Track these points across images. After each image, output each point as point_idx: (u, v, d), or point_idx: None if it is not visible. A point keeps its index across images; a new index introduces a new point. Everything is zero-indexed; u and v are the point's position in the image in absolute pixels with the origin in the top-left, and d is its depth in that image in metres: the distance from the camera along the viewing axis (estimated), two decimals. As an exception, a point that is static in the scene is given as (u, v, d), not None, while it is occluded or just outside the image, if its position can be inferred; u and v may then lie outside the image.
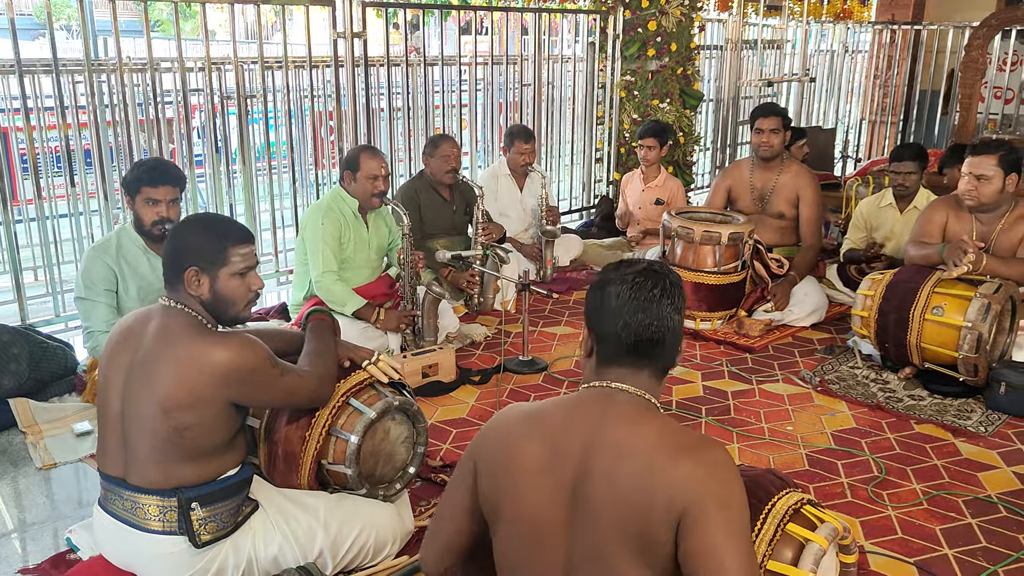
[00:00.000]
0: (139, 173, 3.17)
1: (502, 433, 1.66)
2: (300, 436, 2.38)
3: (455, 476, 1.75)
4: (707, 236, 4.39)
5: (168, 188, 3.19)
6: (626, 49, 6.70)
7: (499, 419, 1.72)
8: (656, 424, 1.56)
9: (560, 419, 1.62)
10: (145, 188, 3.16)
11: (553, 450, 1.58)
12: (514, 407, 1.74)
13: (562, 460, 1.57)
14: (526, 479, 1.59)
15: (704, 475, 1.47)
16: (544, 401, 1.72)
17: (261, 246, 5.31)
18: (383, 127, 5.65)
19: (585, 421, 1.59)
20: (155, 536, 2.13)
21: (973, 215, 3.82)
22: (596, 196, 7.17)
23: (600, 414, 1.59)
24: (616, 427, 1.55)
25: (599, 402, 1.62)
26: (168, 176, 3.21)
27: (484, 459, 1.67)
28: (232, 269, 2.17)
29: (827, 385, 3.81)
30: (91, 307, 3.22)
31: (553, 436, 1.59)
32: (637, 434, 1.53)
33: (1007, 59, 8.05)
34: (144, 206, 3.19)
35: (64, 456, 3.12)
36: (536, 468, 1.58)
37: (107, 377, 2.18)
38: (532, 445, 1.60)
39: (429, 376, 3.75)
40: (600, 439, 1.55)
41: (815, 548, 1.81)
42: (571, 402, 1.66)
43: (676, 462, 1.48)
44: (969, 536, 2.69)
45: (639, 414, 1.58)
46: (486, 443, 1.69)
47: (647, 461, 1.49)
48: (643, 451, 1.51)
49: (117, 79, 4.38)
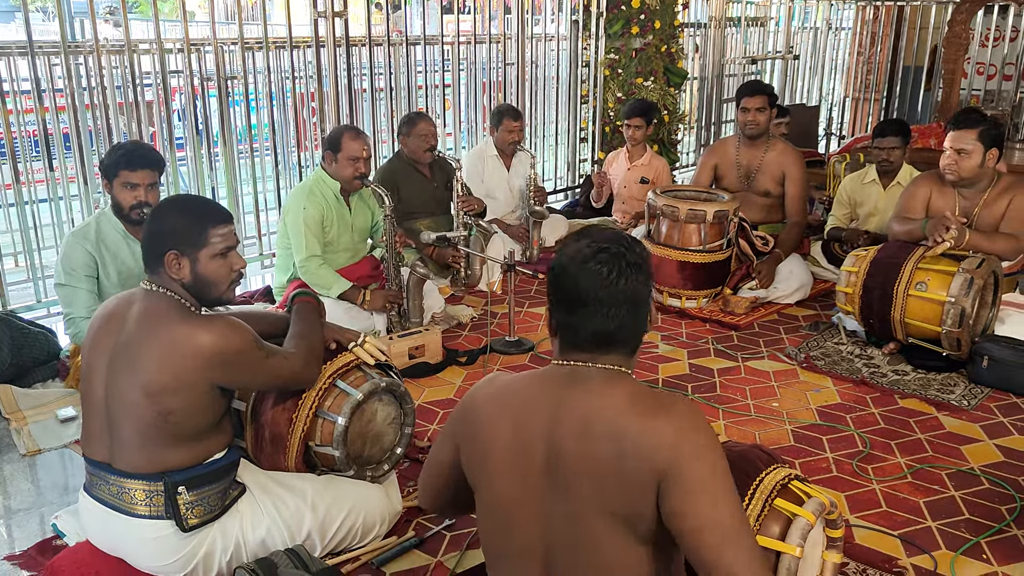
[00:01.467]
0: (116, 157, 3.13)
1: (477, 414, 1.64)
2: (287, 418, 2.37)
3: (442, 436, 1.77)
4: (692, 214, 4.39)
5: (147, 172, 3.14)
6: (610, 27, 6.66)
7: (474, 396, 1.69)
8: (620, 390, 1.53)
9: (525, 399, 1.59)
10: (123, 172, 3.12)
11: (519, 433, 1.57)
12: (488, 382, 1.70)
13: (529, 443, 1.55)
14: (498, 466, 1.59)
15: (676, 432, 1.45)
16: (514, 376, 1.68)
17: (244, 229, 5.27)
18: (366, 108, 5.60)
19: (550, 399, 1.56)
20: (142, 521, 2.12)
21: (956, 190, 3.83)
22: (581, 176, 7.16)
23: (564, 389, 1.55)
24: (579, 400, 1.52)
25: (564, 379, 1.57)
26: (146, 160, 3.15)
27: (462, 438, 1.68)
28: (212, 250, 2.15)
29: (812, 361, 3.83)
30: (71, 293, 3.18)
31: (518, 418, 1.58)
32: (602, 401, 1.51)
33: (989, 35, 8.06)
34: (122, 190, 3.14)
35: (48, 442, 3.09)
36: (506, 454, 1.58)
37: (90, 362, 2.16)
38: (502, 430, 1.59)
39: (416, 357, 3.74)
40: (565, 414, 1.52)
41: (802, 523, 1.82)
42: (537, 379, 1.62)
43: (647, 424, 1.46)
44: (952, 508, 2.72)
45: (599, 383, 1.54)
46: (463, 422, 1.68)
47: (616, 426, 1.47)
48: (610, 418, 1.48)
49: (95, 61, 4.32)
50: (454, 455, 1.71)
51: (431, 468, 1.81)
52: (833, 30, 9.43)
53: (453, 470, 1.73)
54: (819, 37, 9.28)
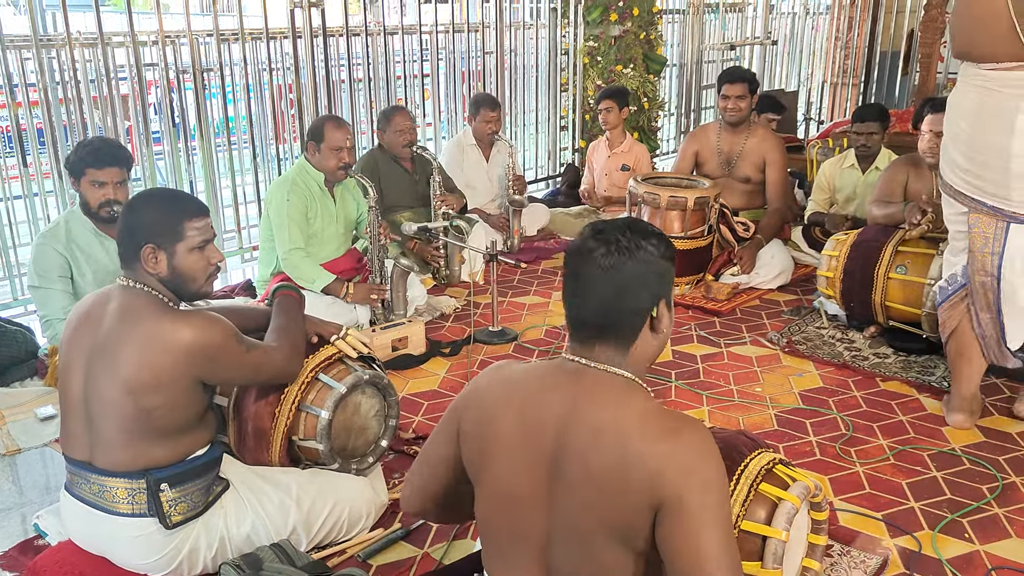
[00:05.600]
0: (83, 154, 3.07)
1: (482, 402, 1.63)
2: (270, 412, 2.35)
3: (439, 428, 1.74)
4: (673, 201, 4.40)
5: (114, 170, 3.09)
6: (588, 14, 6.65)
7: (481, 384, 1.68)
8: (632, 406, 1.51)
9: (534, 392, 1.58)
10: (89, 170, 3.06)
11: (527, 424, 1.55)
12: (496, 370, 1.69)
13: (537, 435, 1.54)
14: (503, 452, 1.57)
15: (681, 460, 1.43)
16: (523, 367, 1.67)
17: (223, 223, 5.22)
18: (344, 99, 5.56)
19: (559, 398, 1.54)
20: (124, 519, 2.10)
21: (933, 173, 3.85)
22: (562, 164, 7.15)
23: (574, 392, 1.54)
24: (592, 409, 1.51)
25: (571, 380, 1.56)
26: (113, 157, 3.10)
27: (465, 426, 1.65)
28: (189, 243, 2.12)
29: (794, 346, 3.85)
30: (46, 295, 3.14)
31: (526, 409, 1.56)
32: (611, 418, 1.49)
33: (965, 18, 8.09)
34: (90, 188, 3.09)
35: (28, 441, 3.06)
36: (512, 442, 1.56)
37: (68, 360, 2.13)
38: (508, 417, 1.57)
39: (399, 349, 3.73)
40: (576, 419, 1.51)
41: (788, 507, 1.83)
42: (546, 373, 1.61)
43: (654, 448, 1.44)
44: (934, 489, 2.74)
45: (613, 395, 1.53)
46: (468, 409, 1.66)
47: (623, 447, 1.45)
48: (616, 435, 1.46)
49: (67, 55, 4.25)
50: (453, 446, 1.68)
51: (424, 464, 1.77)
52: (811, 15, 9.45)
53: (450, 464, 1.70)
54: (797, 22, 9.29)
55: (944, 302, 3.12)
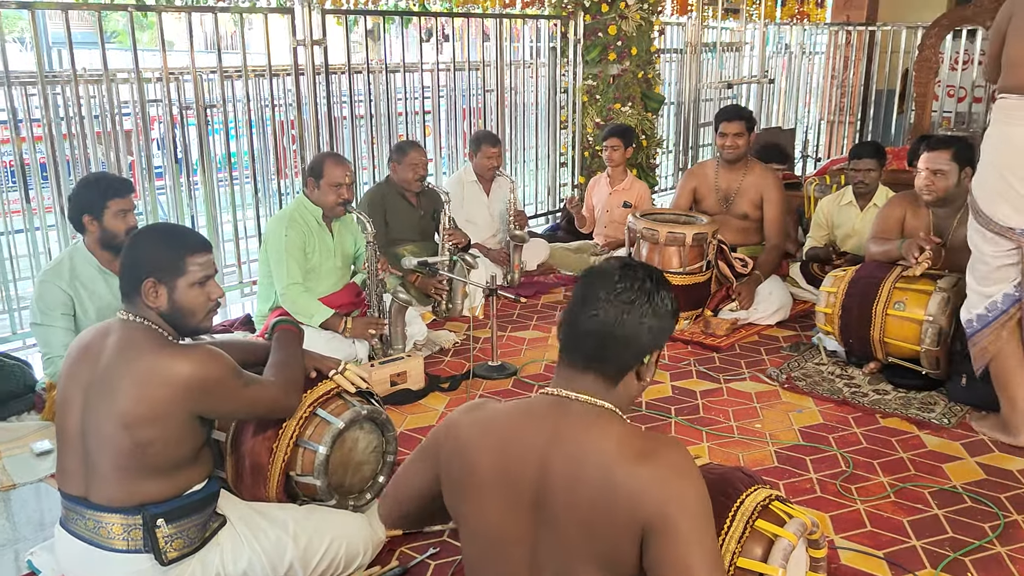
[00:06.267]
0: (102, 189, 3.15)
1: (459, 444, 1.63)
2: (267, 448, 2.35)
3: (414, 461, 1.75)
4: (672, 237, 4.42)
5: (131, 197, 3.22)
6: (587, 54, 6.73)
7: (455, 424, 1.67)
8: (611, 431, 1.52)
9: (511, 428, 1.58)
10: (114, 201, 3.15)
11: (506, 462, 1.55)
12: (470, 409, 1.69)
13: (517, 473, 1.54)
14: (483, 492, 1.57)
15: (663, 481, 1.44)
16: (499, 406, 1.67)
17: (224, 257, 5.24)
18: (346, 135, 5.61)
19: (538, 433, 1.55)
20: (120, 555, 2.08)
21: (930, 210, 3.88)
22: (561, 200, 7.18)
23: (553, 425, 1.54)
24: (569, 441, 1.52)
25: (552, 411, 1.57)
26: (128, 184, 3.25)
27: (444, 468, 1.65)
28: (190, 279, 2.13)
29: (793, 382, 3.85)
30: (48, 332, 3.16)
31: (504, 447, 1.56)
32: (592, 445, 1.50)
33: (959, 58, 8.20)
34: (115, 219, 3.16)
35: (24, 476, 3.04)
36: (490, 483, 1.56)
37: (65, 394, 2.13)
38: (485, 458, 1.57)
39: (397, 384, 3.72)
40: (554, 454, 1.51)
41: (784, 544, 1.81)
42: (522, 409, 1.62)
43: (634, 470, 1.45)
44: (936, 527, 2.72)
45: (592, 425, 1.54)
46: (445, 451, 1.65)
47: (605, 472, 1.46)
48: (600, 463, 1.47)
49: (72, 91, 4.30)
50: (427, 481, 1.69)
51: (401, 488, 1.79)
52: (807, 54, 9.57)
53: (424, 495, 1.72)
54: (793, 61, 9.41)
55: (983, 329, 3.19)
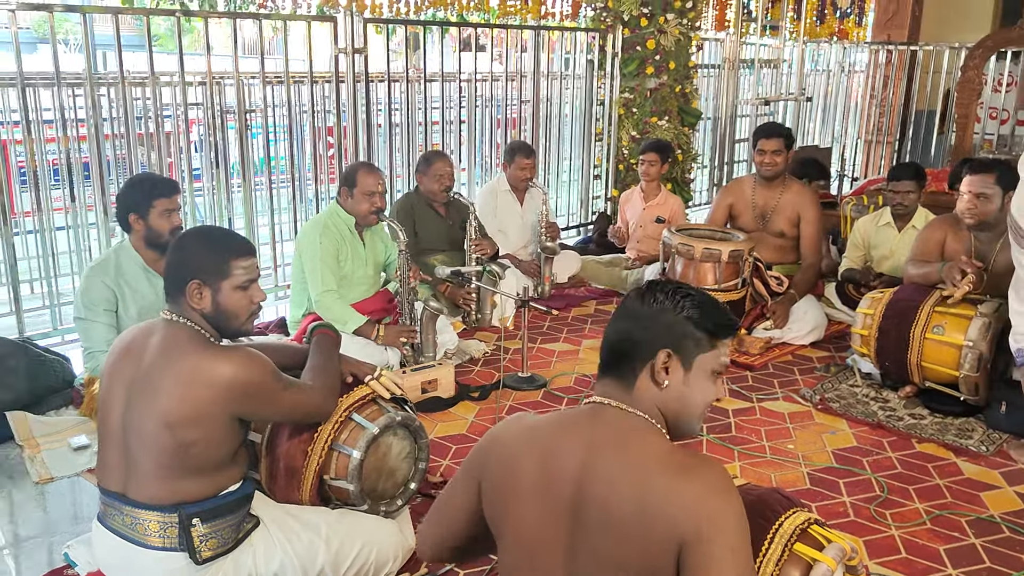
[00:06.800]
0: (147, 189, 3.20)
1: (504, 451, 1.64)
2: (302, 451, 2.36)
3: (457, 478, 1.74)
4: (707, 253, 4.39)
5: (177, 196, 3.28)
6: (625, 67, 6.73)
7: (501, 433, 1.69)
8: (649, 443, 1.53)
9: (551, 437, 1.59)
10: (160, 200, 3.20)
11: (545, 471, 1.56)
12: (516, 420, 1.72)
13: (556, 483, 1.54)
14: (523, 500, 1.58)
15: (702, 498, 1.44)
16: (543, 416, 1.70)
17: (260, 260, 5.28)
18: (382, 143, 5.65)
19: (577, 443, 1.55)
20: (155, 552, 2.10)
21: (971, 234, 3.82)
22: (594, 213, 7.18)
23: (590, 435, 1.55)
24: (608, 452, 1.52)
25: (589, 421, 1.58)
26: (174, 184, 3.32)
27: (488, 475, 1.66)
28: (234, 282, 2.16)
29: (827, 403, 3.80)
30: (90, 327, 3.21)
31: (545, 456, 1.57)
32: (629, 459, 1.50)
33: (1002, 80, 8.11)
34: (161, 218, 3.21)
35: (61, 470, 3.09)
36: (531, 490, 1.57)
37: (108, 391, 2.16)
38: (527, 465, 1.58)
39: (428, 392, 3.73)
40: (593, 464, 1.52)
41: (823, 568, 1.79)
42: (563, 420, 1.64)
43: (674, 485, 1.45)
44: (973, 556, 2.67)
45: (630, 435, 1.54)
46: (490, 458, 1.66)
47: (643, 485, 1.46)
48: (635, 478, 1.47)
49: (118, 93, 4.38)
50: (472, 496, 1.69)
51: (442, 512, 1.77)
52: (846, 73, 9.50)
53: (469, 513, 1.71)
54: (832, 79, 9.35)
55: None
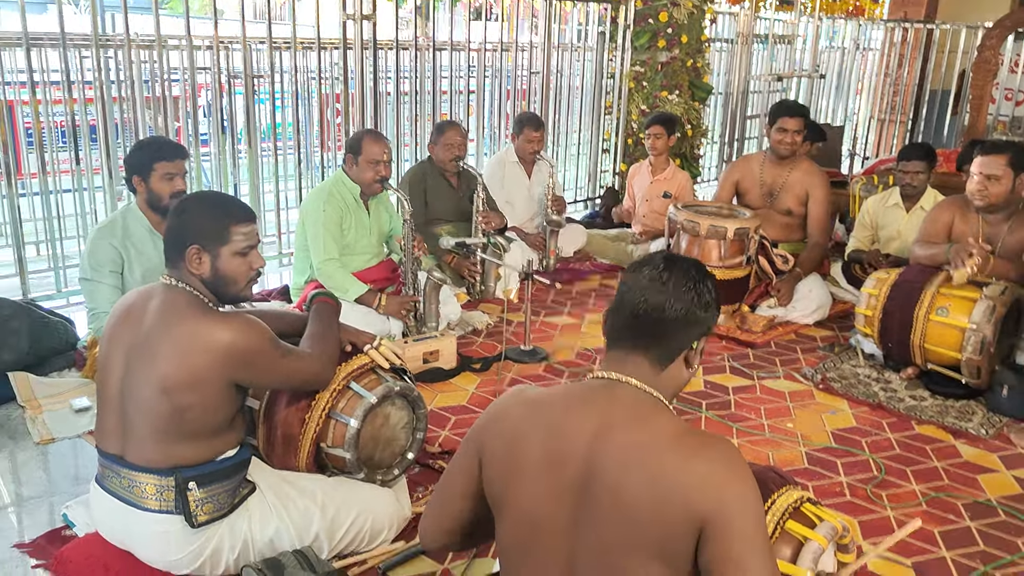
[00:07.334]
0: (151, 151, 3.19)
1: (506, 426, 1.62)
2: (300, 418, 2.37)
3: (457, 459, 1.72)
4: (713, 230, 4.37)
5: (181, 161, 3.24)
6: (636, 40, 6.66)
7: (502, 408, 1.67)
8: (663, 422, 1.52)
9: (559, 413, 1.57)
10: (161, 163, 3.18)
11: (555, 446, 1.54)
12: (517, 394, 1.69)
13: (564, 458, 1.53)
14: (527, 475, 1.56)
15: (718, 479, 1.43)
16: (547, 389, 1.67)
17: (264, 227, 5.29)
18: (390, 111, 5.62)
19: (588, 419, 1.54)
20: (151, 515, 2.12)
21: (980, 216, 3.79)
22: (602, 187, 7.15)
23: (603, 412, 1.54)
24: (621, 430, 1.50)
25: (602, 397, 1.56)
26: (179, 149, 3.27)
27: (488, 451, 1.63)
28: (234, 248, 2.16)
29: (828, 383, 3.80)
30: (96, 288, 3.22)
31: (552, 432, 1.55)
32: (643, 438, 1.49)
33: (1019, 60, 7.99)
34: (161, 182, 3.20)
35: (62, 431, 3.11)
36: (537, 464, 1.55)
37: (107, 355, 2.17)
38: (534, 439, 1.56)
39: (430, 362, 3.74)
40: (605, 442, 1.50)
41: (814, 547, 1.80)
42: (572, 395, 1.61)
43: (689, 465, 1.44)
44: (967, 539, 2.68)
45: (643, 414, 1.53)
46: (490, 434, 1.64)
47: (656, 467, 1.45)
48: (651, 457, 1.46)
49: (124, 55, 4.35)
50: (473, 475, 1.66)
51: (443, 496, 1.75)
52: (860, 50, 9.38)
53: (470, 493, 1.68)
54: (846, 57, 9.23)
55: None
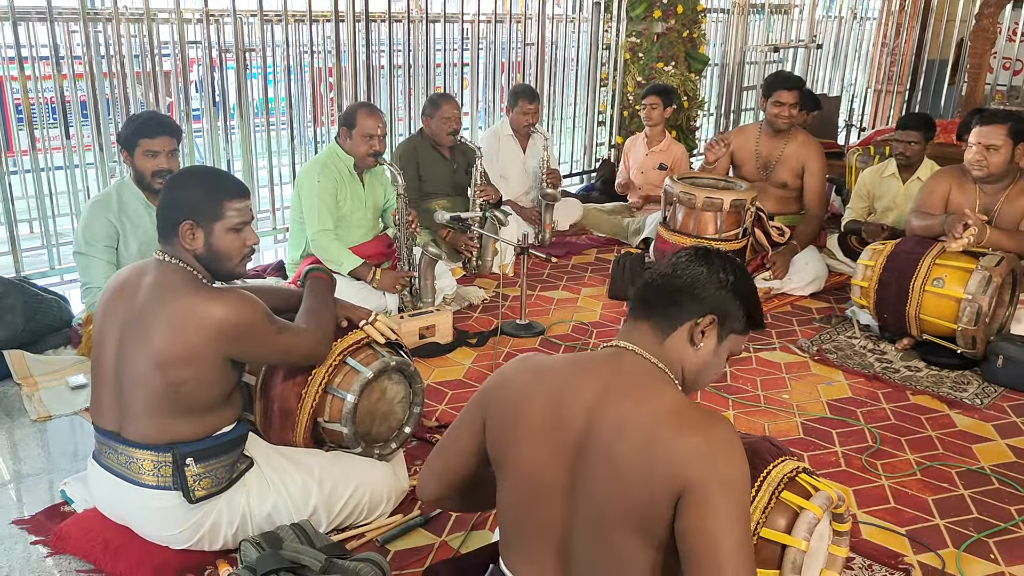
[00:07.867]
0: (136, 126, 3.14)
1: (512, 391, 1.63)
2: (296, 393, 2.37)
3: (462, 417, 1.74)
4: (709, 202, 4.35)
5: (166, 139, 3.16)
6: (632, 10, 6.60)
7: (509, 373, 1.68)
8: (664, 393, 1.53)
9: (566, 378, 1.59)
10: (144, 140, 3.13)
11: (556, 410, 1.56)
12: (524, 360, 1.70)
13: (565, 422, 1.54)
14: (529, 438, 1.57)
15: (708, 453, 1.43)
16: (554, 357, 1.69)
17: (258, 203, 5.27)
18: (383, 84, 5.57)
19: (591, 385, 1.55)
20: (149, 490, 2.13)
21: (977, 186, 3.78)
22: (597, 160, 7.11)
23: (607, 379, 1.55)
24: (622, 398, 1.52)
25: (606, 365, 1.58)
26: (165, 127, 3.18)
27: (493, 413, 1.65)
28: (227, 223, 2.14)
29: (824, 354, 3.81)
30: (89, 263, 3.19)
31: (556, 396, 1.57)
32: (641, 407, 1.50)
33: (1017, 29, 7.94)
34: (144, 159, 3.15)
35: (59, 409, 3.11)
36: (539, 427, 1.56)
37: (102, 331, 2.16)
38: (536, 404, 1.58)
39: (426, 337, 3.74)
40: (604, 408, 1.51)
41: (809, 516, 1.80)
42: (579, 361, 1.63)
43: (679, 437, 1.44)
44: (961, 507, 2.70)
45: (644, 383, 1.54)
46: (495, 398, 1.66)
47: (649, 435, 1.45)
48: (645, 425, 1.47)
49: (113, 29, 4.30)
50: (476, 435, 1.68)
51: (443, 454, 1.76)
52: (858, 20, 9.31)
53: (472, 452, 1.70)
54: (843, 26, 9.16)
55: None
